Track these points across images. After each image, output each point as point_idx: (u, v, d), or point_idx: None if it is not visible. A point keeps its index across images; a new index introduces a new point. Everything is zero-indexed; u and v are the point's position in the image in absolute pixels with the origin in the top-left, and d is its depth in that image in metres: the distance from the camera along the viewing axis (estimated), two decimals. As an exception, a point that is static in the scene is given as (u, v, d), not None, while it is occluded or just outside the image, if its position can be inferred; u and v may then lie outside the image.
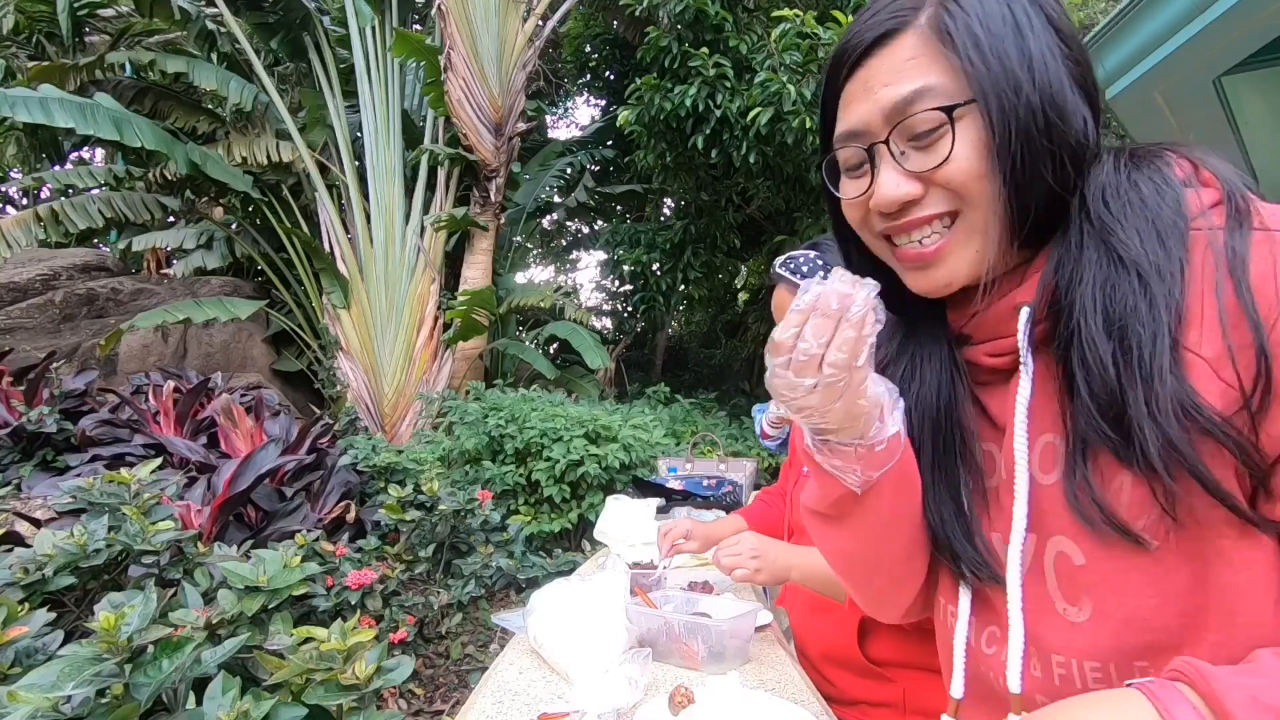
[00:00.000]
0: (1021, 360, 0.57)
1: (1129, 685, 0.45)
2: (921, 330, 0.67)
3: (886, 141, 0.56)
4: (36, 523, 2.73)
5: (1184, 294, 0.49)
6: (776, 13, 5.18)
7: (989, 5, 0.54)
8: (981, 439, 0.64)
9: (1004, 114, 0.52)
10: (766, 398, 2.23)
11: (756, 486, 2.87)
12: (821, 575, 1.18)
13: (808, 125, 5.05)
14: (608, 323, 11.31)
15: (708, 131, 5.62)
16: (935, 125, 0.54)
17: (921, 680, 1.06)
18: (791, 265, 1.27)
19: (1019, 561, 0.57)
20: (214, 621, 1.67)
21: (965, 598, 0.63)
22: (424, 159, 6.30)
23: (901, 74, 0.55)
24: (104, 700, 1.29)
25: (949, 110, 0.53)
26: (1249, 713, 0.39)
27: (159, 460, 2.68)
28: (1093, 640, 0.53)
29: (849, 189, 0.62)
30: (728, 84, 5.49)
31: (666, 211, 10.14)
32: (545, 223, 10.74)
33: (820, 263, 1.25)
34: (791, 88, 4.98)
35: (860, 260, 0.67)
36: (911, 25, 0.55)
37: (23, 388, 3.80)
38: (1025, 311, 0.56)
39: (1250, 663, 0.45)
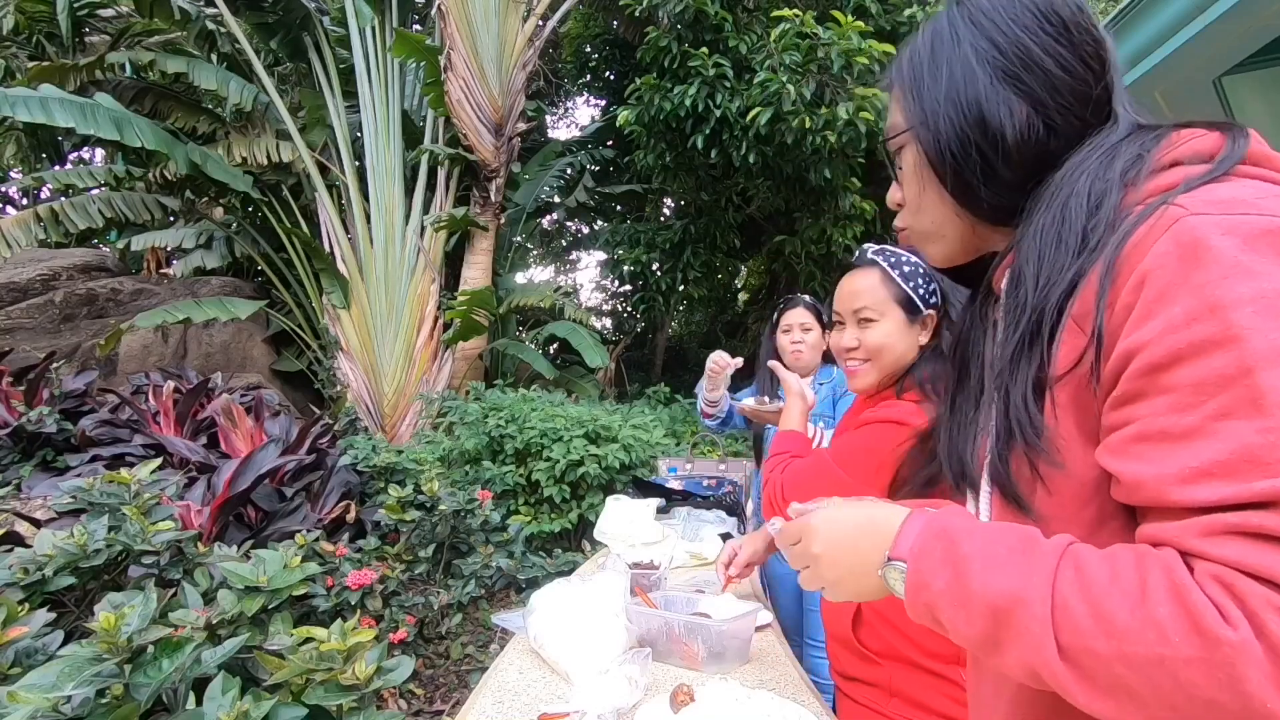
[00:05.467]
0: (999, 325, 0.65)
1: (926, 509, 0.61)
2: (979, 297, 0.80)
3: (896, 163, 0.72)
4: (36, 523, 2.73)
5: (1082, 277, 0.54)
6: (776, 13, 5.18)
7: (923, 41, 0.67)
8: None
9: (926, 138, 0.65)
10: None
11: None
12: None
13: (807, 125, 5.05)
14: (608, 323, 11.32)
15: (707, 131, 5.62)
16: (894, 153, 0.71)
17: (905, 671, 1.09)
18: (891, 259, 1.23)
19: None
20: (214, 622, 1.67)
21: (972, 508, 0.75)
22: (424, 159, 6.30)
23: (890, 114, 0.71)
24: (104, 700, 1.29)
25: (884, 142, 0.71)
26: (925, 537, 0.56)
27: (159, 460, 2.68)
28: None
29: None
30: (727, 84, 5.49)
31: (666, 211, 10.15)
32: (545, 223, 10.73)
33: (922, 269, 1.21)
34: (791, 88, 4.97)
35: None
36: (897, 76, 0.70)
37: (23, 388, 3.80)
38: (1006, 282, 0.64)
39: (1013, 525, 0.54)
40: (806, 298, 2.29)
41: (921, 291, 1.21)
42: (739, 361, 2.21)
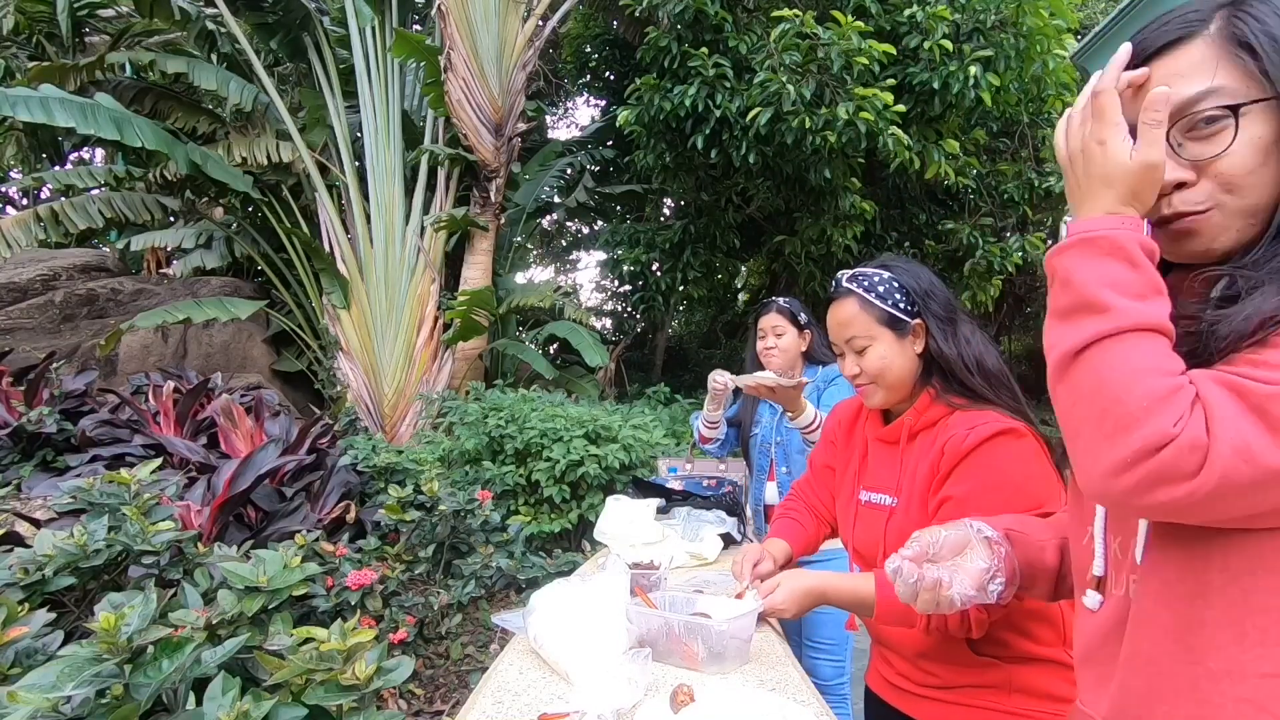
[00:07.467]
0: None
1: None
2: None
3: (1168, 135, 0.62)
4: (36, 523, 2.73)
5: None
6: (776, 13, 5.18)
7: None
8: None
9: None
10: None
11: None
12: (854, 600, 1.24)
13: (807, 125, 5.05)
14: (608, 323, 11.33)
15: (707, 131, 5.62)
16: (1218, 121, 0.60)
17: (1026, 666, 1.12)
18: (865, 283, 1.25)
19: None
20: (214, 622, 1.67)
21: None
22: (424, 159, 6.30)
23: (1187, 76, 0.62)
24: (104, 701, 1.29)
25: (1235, 108, 0.60)
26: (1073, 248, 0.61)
27: (159, 460, 2.68)
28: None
29: None
30: (727, 84, 5.49)
31: (666, 211, 10.15)
32: (545, 223, 10.74)
33: (896, 284, 1.24)
34: (791, 88, 4.98)
35: None
36: (1200, 34, 0.62)
37: (23, 388, 3.80)
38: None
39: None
40: (780, 300, 2.27)
41: (902, 305, 1.23)
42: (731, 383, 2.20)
